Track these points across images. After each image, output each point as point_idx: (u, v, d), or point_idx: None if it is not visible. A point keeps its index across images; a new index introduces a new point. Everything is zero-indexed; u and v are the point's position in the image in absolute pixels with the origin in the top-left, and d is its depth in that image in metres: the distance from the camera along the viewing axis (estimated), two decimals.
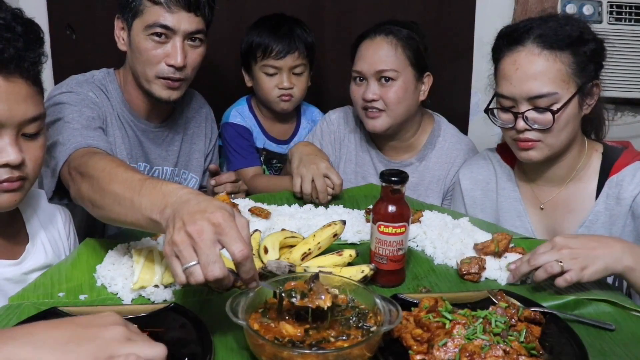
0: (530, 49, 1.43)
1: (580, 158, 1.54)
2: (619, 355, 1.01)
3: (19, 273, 1.23)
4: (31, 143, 1.15)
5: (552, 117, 1.41)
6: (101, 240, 1.30)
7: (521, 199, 1.62)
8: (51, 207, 1.39)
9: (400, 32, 1.82)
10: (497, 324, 0.96)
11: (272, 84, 2.00)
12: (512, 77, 1.44)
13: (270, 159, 2.15)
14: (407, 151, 1.96)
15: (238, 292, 0.99)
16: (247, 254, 0.91)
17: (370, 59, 1.81)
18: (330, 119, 2.06)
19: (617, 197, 1.48)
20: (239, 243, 0.90)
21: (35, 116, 1.13)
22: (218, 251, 0.90)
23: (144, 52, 1.59)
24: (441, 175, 1.92)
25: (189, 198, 0.97)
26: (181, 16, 1.56)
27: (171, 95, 1.64)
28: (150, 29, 1.57)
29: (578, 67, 1.42)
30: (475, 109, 2.46)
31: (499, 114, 1.51)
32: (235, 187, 1.74)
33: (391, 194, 1.18)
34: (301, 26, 2.02)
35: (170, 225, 0.94)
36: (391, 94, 1.80)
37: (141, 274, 1.13)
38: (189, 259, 0.90)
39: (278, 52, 1.95)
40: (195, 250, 0.90)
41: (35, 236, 1.30)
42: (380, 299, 0.99)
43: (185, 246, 0.90)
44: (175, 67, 1.59)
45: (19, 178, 1.13)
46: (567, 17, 1.50)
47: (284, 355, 0.89)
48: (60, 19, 2.24)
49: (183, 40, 1.59)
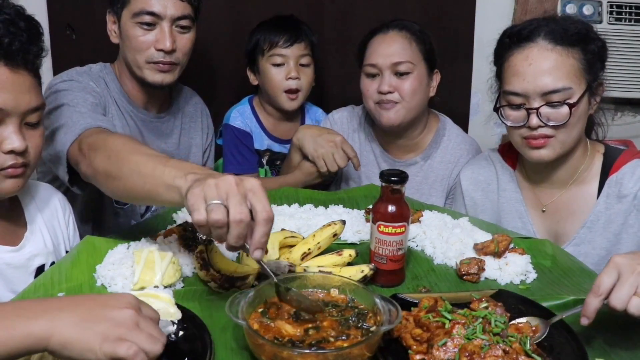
0: (543, 45, 1.42)
1: (583, 160, 1.53)
2: (619, 355, 1.01)
3: (20, 259, 1.27)
4: (33, 132, 1.21)
5: (568, 111, 1.39)
6: (101, 240, 1.30)
7: (523, 201, 1.62)
8: (49, 196, 1.42)
9: (413, 27, 1.84)
10: (496, 323, 0.96)
11: (280, 76, 1.99)
12: (525, 72, 1.43)
13: (274, 160, 2.14)
14: (412, 150, 1.96)
15: (238, 292, 1.00)
16: (270, 214, 0.95)
17: (385, 51, 1.82)
18: (334, 118, 2.06)
19: (618, 195, 1.48)
20: (264, 201, 0.95)
21: (37, 106, 1.19)
22: (246, 202, 0.94)
23: (133, 39, 1.64)
24: (445, 174, 1.92)
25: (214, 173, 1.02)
26: (167, 2, 1.62)
27: (164, 78, 1.68)
28: (137, 16, 1.62)
29: (587, 64, 1.43)
30: (475, 109, 2.46)
31: (508, 112, 1.49)
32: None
33: (391, 194, 1.17)
34: (305, 25, 2.04)
35: (197, 182, 0.98)
36: (407, 85, 1.81)
37: (141, 275, 1.13)
38: (211, 197, 0.94)
39: (285, 40, 1.96)
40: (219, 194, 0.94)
41: (33, 223, 1.33)
42: (380, 298, 0.99)
43: (210, 188, 0.95)
44: (164, 51, 1.63)
45: (22, 164, 1.19)
46: (570, 17, 1.50)
47: (284, 355, 0.89)
48: (60, 18, 2.24)
49: (171, 25, 1.64)
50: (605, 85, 1.49)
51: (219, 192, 0.94)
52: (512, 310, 1.07)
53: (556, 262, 1.34)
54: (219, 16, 2.24)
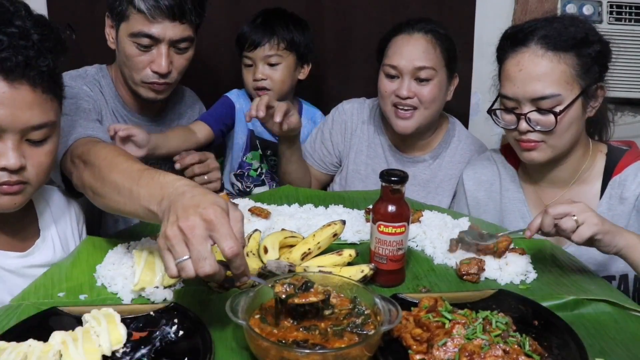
0: (534, 50, 1.42)
1: (585, 160, 1.53)
2: (619, 355, 1.01)
3: (23, 265, 1.23)
4: (36, 149, 1.14)
5: (554, 119, 1.40)
6: (101, 240, 1.30)
7: (525, 201, 1.62)
8: (65, 203, 1.39)
9: (438, 32, 1.79)
10: (497, 324, 0.96)
11: (249, 77, 2.01)
12: (515, 78, 1.44)
13: (265, 149, 2.14)
14: (422, 148, 1.96)
15: (238, 292, 1.00)
16: (236, 251, 0.91)
17: (409, 54, 1.77)
18: (344, 108, 2.04)
19: (620, 197, 1.48)
20: (229, 240, 0.90)
21: (41, 124, 1.12)
22: (209, 247, 0.91)
23: (129, 57, 1.63)
24: (454, 174, 1.91)
25: (185, 190, 0.98)
26: (165, 25, 1.58)
27: (157, 96, 1.69)
28: (135, 37, 1.60)
29: (582, 69, 1.42)
30: (475, 109, 2.46)
31: (502, 114, 1.50)
32: (203, 168, 1.65)
33: (391, 194, 1.17)
34: (288, 21, 2.02)
35: (165, 218, 0.95)
36: (426, 92, 1.77)
37: (142, 275, 1.13)
38: (181, 253, 0.91)
39: (250, 43, 1.97)
40: (187, 246, 0.90)
41: (46, 231, 1.30)
42: (380, 298, 0.99)
43: (178, 241, 0.91)
44: (160, 73, 1.62)
45: (18, 182, 1.13)
46: (573, 18, 1.48)
47: (285, 355, 0.89)
48: (60, 19, 2.24)
49: (168, 48, 1.61)
50: (606, 88, 1.47)
51: (181, 246, 0.91)
52: (512, 310, 1.07)
53: (556, 262, 1.34)
54: (217, 14, 2.25)
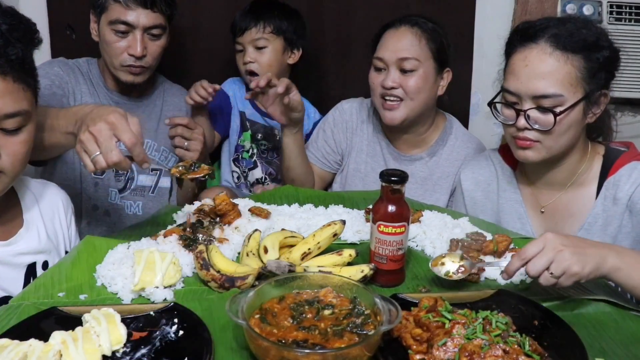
0: (543, 48, 1.41)
1: (582, 163, 1.53)
2: (619, 355, 1.01)
3: (8, 254, 1.25)
4: (10, 138, 1.15)
5: (553, 119, 1.40)
6: (101, 240, 1.30)
7: (522, 202, 1.62)
8: (53, 195, 1.41)
9: (425, 25, 1.84)
10: (497, 324, 0.96)
11: (240, 62, 2.11)
12: (520, 73, 1.43)
13: (255, 133, 2.19)
14: (419, 146, 1.97)
15: (238, 292, 1.00)
16: (135, 141, 1.17)
17: (393, 46, 1.82)
18: (343, 108, 2.06)
19: (614, 198, 1.47)
20: (128, 133, 1.17)
21: (14, 112, 1.13)
22: (114, 142, 1.16)
23: (109, 43, 1.83)
24: (451, 172, 1.92)
25: (92, 109, 1.24)
26: (139, 13, 1.80)
27: (135, 79, 1.87)
28: (113, 24, 1.80)
29: (588, 73, 1.40)
30: (475, 109, 2.46)
31: (502, 109, 1.49)
32: (186, 132, 1.83)
33: (391, 194, 1.17)
34: (275, 8, 2.08)
35: (79, 131, 1.20)
36: (411, 82, 1.81)
37: (142, 276, 1.13)
38: (93, 151, 1.17)
39: (240, 29, 2.08)
40: (97, 144, 1.16)
41: (31, 223, 1.32)
42: (380, 298, 0.99)
43: (90, 142, 1.17)
44: (135, 56, 1.82)
45: None
46: (586, 21, 1.47)
47: (285, 355, 0.89)
48: (60, 19, 2.24)
49: (142, 33, 1.82)
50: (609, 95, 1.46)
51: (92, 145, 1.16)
52: (512, 310, 1.07)
53: None
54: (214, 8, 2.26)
